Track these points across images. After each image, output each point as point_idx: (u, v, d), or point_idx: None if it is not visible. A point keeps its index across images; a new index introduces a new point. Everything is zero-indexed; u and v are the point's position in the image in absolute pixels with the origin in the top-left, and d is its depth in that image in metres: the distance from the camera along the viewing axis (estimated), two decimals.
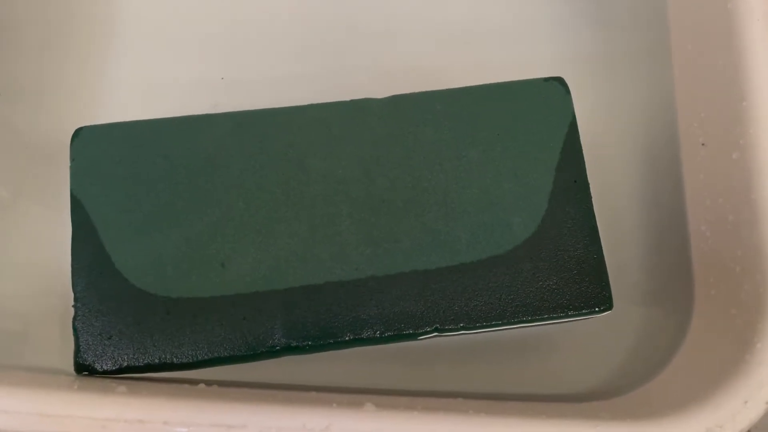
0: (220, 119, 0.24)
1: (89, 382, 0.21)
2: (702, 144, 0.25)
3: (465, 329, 0.22)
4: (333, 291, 0.22)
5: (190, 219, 0.23)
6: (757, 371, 0.20)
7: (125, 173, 0.23)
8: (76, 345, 0.22)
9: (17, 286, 0.26)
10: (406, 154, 0.23)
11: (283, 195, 0.23)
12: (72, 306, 0.22)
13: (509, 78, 0.24)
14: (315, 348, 0.22)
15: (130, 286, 0.22)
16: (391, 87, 0.25)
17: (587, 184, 0.23)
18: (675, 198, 0.26)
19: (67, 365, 0.22)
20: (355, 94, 0.25)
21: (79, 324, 0.22)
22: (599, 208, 0.23)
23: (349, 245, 0.22)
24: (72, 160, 0.23)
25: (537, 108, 0.24)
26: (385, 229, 0.23)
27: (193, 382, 0.22)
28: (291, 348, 0.22)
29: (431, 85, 0.24)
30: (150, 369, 0.22)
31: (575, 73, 0.27)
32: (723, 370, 0.21)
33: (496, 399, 0.24)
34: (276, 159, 0.23)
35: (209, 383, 0.22)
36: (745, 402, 0.20)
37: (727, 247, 0.23)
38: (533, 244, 0.22)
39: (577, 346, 0.26)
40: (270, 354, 0.22)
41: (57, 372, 0.22)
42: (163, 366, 0.22)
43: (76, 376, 0.22)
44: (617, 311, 0.23)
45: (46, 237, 0.27)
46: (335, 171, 0.23)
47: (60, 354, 0.25)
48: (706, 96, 0.25)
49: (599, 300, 0.22)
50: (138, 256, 0.22)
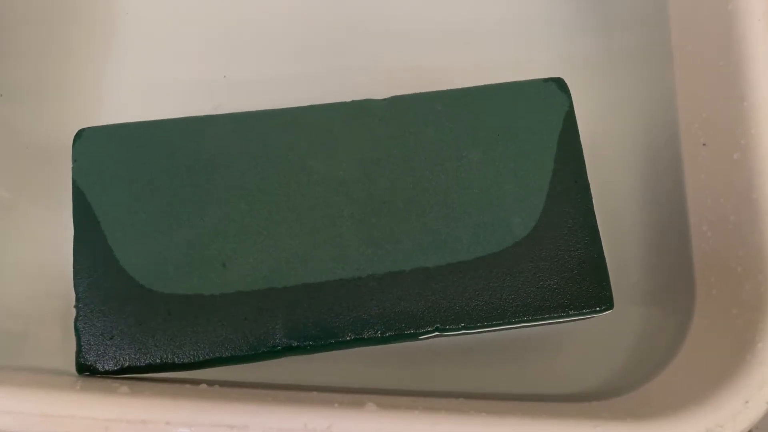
0: (221, 120, 0.24)
1: (91, 382, 0.21)
2: (703, 144, 0.25)
3: (466, 329, 0.22)
4: (334, 291, 0.22)
5: (192, 220, 0.23)
6: (758, 371, 0.20)
7: (127, 174, 0.23)
8: (77, 345, 0.22)
9: (18, 286, 0.26)
10: (406, 155, 0.23)
11: (285, 196, 0.23)
12: (74, 306, 0.22)
13: (509, 78, 0.24)
14: (316, 348, 0.22)
15: (133, 285, 0.22)
16: (392, 87, 0.25)
17: (587, 184, 0.23)
18: (676, 198, 0.26)
19: (69, 366, 0.22)
20: (356, 93, 0.25)
21: (81, 324, 0.22)
22: (600, 208, 0.23)
23: (350, 246, 0.22)
24: (74, 161, 0.23)
25: (537, 108, 0.24)
26: (386, 230, 0.23)
27: (195, 382, 0.22)
28: (292, 348, 0.22)
29: (431, 85, 0.24)
30: (151, 369, 0.22)
31: (576, 73, 0.27)
32: (724, 370, 0.21)
33: (497, 399, 0.24)
34: (277, 160, 0.23)
35: (211, 383, 0.22)
36: (746, 402, 0.20)
37: (729, 247, 0.23)
38: (534, 244, 0.22)
39: (578, 346, 0.26)
40: (271, 354, 0.22)
41: (59, 372, 0.23)
42: (165, 366, 0.22)
43: (77, 376, 0.22)
44: (618, 311, 0.23)
45: (47, 238, 0.27)
46: (336, 172, 0.23)
47: (62, 354, 0.25)
48: (707, 96, 0.25)
49: (600, 300, 0.22)
50: (140, 256, 0.22)
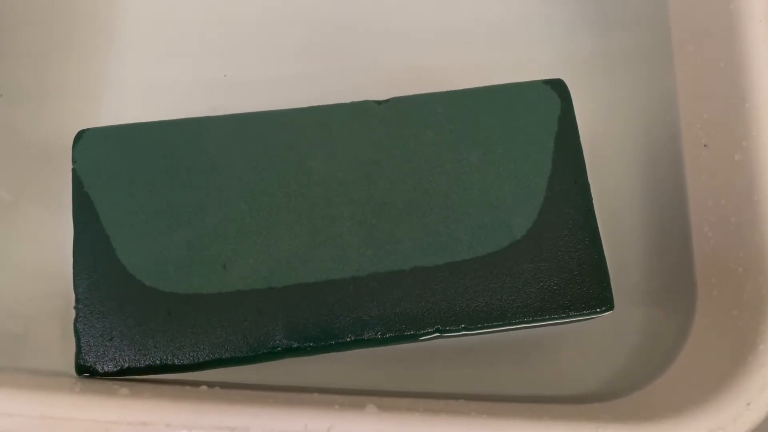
0: (221, 121, 0.24)
1: (91, 384, 0.21)
2: (704, 145, 0.25)
3: (466, 330, 0.22)
4: (334, 292, 0.22)
5: (192, 220, 0.23)
6: (760, 373, 0.20)
7: (127, 175, 0.23)
8: (77, 346, 0.22)
9: (18, 287, 0.26)
10: (406, 156, 0.23)
11: (285, 197, 0.23)
12: (73, 307, 0.22)
13: (509, 78, 0.24)
14: (316, 349, 0.22)
15: (133, 285, 0.22)
16: (392, 87, 0.25)
17: (588, 184, 0.23)
18: (677, 199, 0.26)
19: (69, 367, 0.22)
20: (356, 94, 0.25)
21: (81, 325, 0.22)
22: (600, 208, 0.23)
23: (350, 247, 0.22)
24: (74, 162, 0.23)
25: (537, 110, 0.24)
26: (386, 231, 0.23)
27: (195, 384, 0.22)
28: (292, 349, 0.22)
29: (431, 86, 0.24)
30: (151, 370, 0.22)
31: (576, 74, 0.27)
32: (725, 371, 0.21)
33: (497, 400, 0.24)
34: (277, 161, 0.23)
35: (211, 385, 0.22)
36: (748, 404, 0.20)
37: (730, 248, 0.23)
38: (534, 244, 0.22)
39: (579, 347, 0.26)
40: (271, 355, 0.22)
41: (58, 374, 0.23)
42: (164, 367, 0.22)
43: (77, 378, 0.22)
44: (619, 312, 0.23)
45: (47, 238, 0.27)
46: (336, 173, 0.23)
47: (61, 356, 0.25)
48: (708, 97, 0.25)
49: (600, 300, 0.22)
50: (141, 257, 0.22)
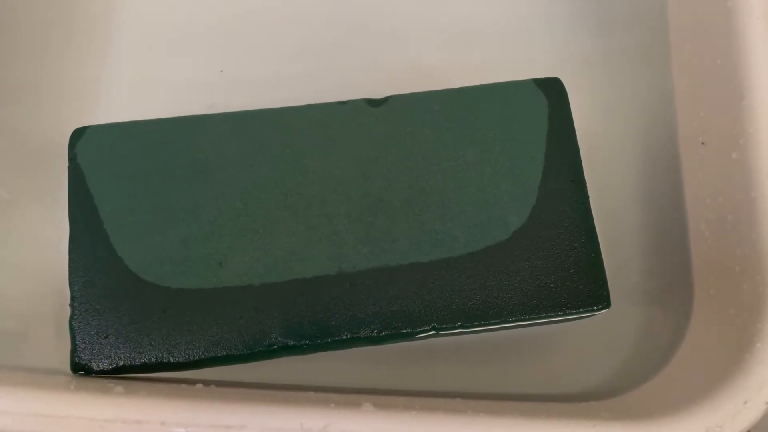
0: (218, 119, 0.24)
1: (86, 382, 0.21)
2: (701, 143, 0.25)
3: (463, 328, 0.22)
4: (330, 290, 0.22)
5: (188, 218, 0.23)
6: (757, 371, 0.20)
7: (124, 174, 0.23)
8: (72, 344, 0.22)
9: (13, 285, 0.26)
10: (403, 154, 0.23)
11: (281, 195, 0.23)
12: (69, 305, 0.22)
13: (508, 77, 0.24)
14: (312, 347, 0.22)
15: (130, 282, 0.22)
16: (391, 87, 0.25)
17: (584, 183, 0.23)
18: (674, 197, 0.26)
19: (64, 365, 0.22)
20: (354, 93, 0.25)
21: (76, 323, 0.22)
22: (598, 208, 0.23)
23: (347, 245, 0.22)
24: (70, 160, 0.23)
25: (534, 108, 0.24)
26: (383, 229, 0.22)
27: (191, 382, 0.22)
28: (288, 347, 0.22)
29: (431, 86, 0.24)
30: (146, 368, 0.22)
31: (574, 73, 0.27)
32: (722, 370, 0.21)
33: (494, 399, 0.24)
34: (274, 159, 0.23)
35: (207, 383, 0.22)
36: (745, 402, 0.20)
37: (727, 247, 0.23)
38: (530, 242, 0.22)
39: (576, 345, 0.26)
40: (267, 353, 0.22)
41: (54, 372, 0.22)
42: (160, 365, 0.22)
43: (73, 376, 0.22)
44: (616, 311, 0.23)
45: (43, 236, 0.26)
46: (333, 171, 0.23)
47: (57, 354, 0.25)
48: (705, 95, 0.25)
49: (597, 298, 0.22)
50: (138, 254, 0.22)
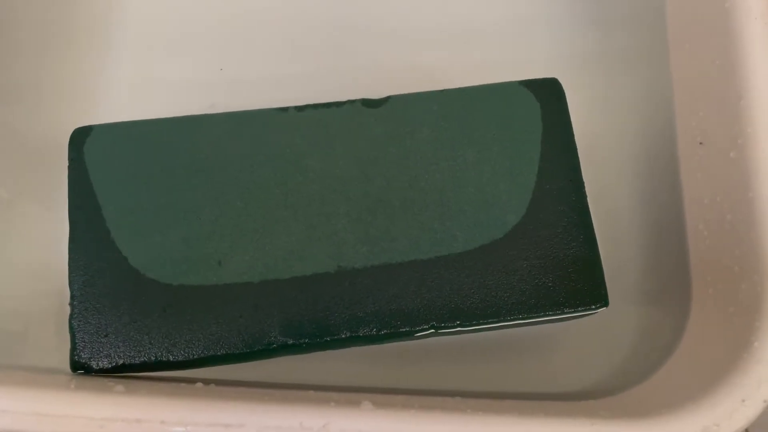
0: (218, 119, 0.24)
1: (86, 381, 0.21)
2: (700, 143, 0.25)
3: (461, 327, 0.22)
4: (330, 289, 0.22)
5: (188, 217, 0.23)
6: (755, 370, 0.20)
7: (124, 173, 0.23)
8: (72, 343, 0.22)
9: (13, 285, 0.26)
10: (403, 154, 0.23)
11: (281, 194, 0.23)
12: (68, 304, 0.22)
13: (508, 77, 0.24)
14: (312, 346, 0.22)
15: (130, 281, 0.22)
16: (391, 87, 0.25)
17: (582, 182, 0.23)
18: (673, 197, 0.26)
19: (64, 364, 0.22)
20: (354, 93, 0.25)
21: (76, 322, 0.22)
22: (596, 207, 0.23)
23: (346, 244, 0.22)
24: (70, 160, 0.23)
25: (532, 108, 0.24)
26: (382, 228, 0.23)
27: (191, 381, 0.22)
28: (288, 346, 0.22)
29: (431, 85, 0.24)
30: (146, 367, 0.22)
31: (573, 72, 0.27)
32: (720, 368, 0.21)
33: (493, 397, 0.24)
34: (274, 159, 0.23)
35: (207, 382, 0.22)
36: (743, 400, 0.20)
37: (725, 246, 0.23)
38: (528, 242, 0.22)
39: (575, 344, 0.26)
40: (266, 352, 0.22)
41: (53, 371, 0.22)
42: (159, 364, 0.22)
43: (72, 375, 0.22)
44: (615, 310, 0.23)
45: (43, 236, 0.27)
46: (332, 171, 0.23)
47: (56, 353, 0.24)
48: (703, 95, 0.25)
49: (595, 297, 0.22)
50: (139, 253, 0.22)
